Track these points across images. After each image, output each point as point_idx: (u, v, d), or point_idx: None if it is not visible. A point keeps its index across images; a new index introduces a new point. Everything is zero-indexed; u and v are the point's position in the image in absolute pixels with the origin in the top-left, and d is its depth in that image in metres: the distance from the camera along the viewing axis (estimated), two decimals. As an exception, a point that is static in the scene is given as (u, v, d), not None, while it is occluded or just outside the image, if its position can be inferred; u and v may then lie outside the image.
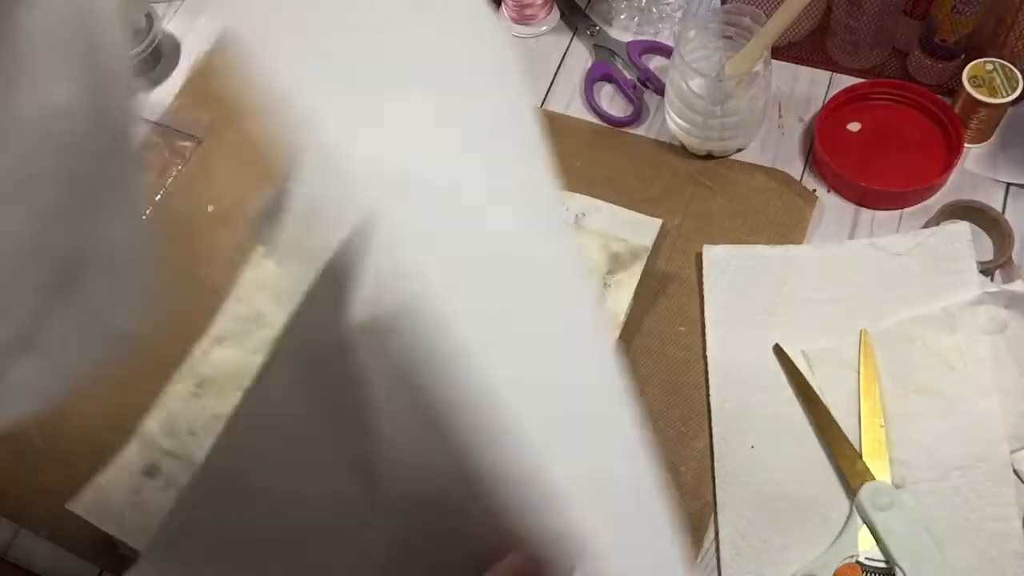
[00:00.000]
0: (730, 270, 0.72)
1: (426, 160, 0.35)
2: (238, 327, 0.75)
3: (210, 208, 0.82)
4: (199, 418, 0.71)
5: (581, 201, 0.76)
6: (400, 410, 0.37)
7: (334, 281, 0.34)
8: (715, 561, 0.63)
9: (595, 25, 0.88)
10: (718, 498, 0.64)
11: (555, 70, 0.87)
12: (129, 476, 0.69)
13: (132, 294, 0.37)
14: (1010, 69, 0.73)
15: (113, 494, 0.68)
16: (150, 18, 0.89)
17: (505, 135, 0.43)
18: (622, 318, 0.70)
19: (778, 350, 0.69)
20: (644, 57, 0.86)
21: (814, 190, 0.77)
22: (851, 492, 0.62)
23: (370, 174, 0.32)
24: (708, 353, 0.70)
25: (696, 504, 0.65)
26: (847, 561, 0.60)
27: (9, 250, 0.32)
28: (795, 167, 0.78)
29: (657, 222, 0.74)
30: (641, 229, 0.74)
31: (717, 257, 0.73)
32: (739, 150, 0.79)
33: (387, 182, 0.32)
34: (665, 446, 0.67)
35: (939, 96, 0.77)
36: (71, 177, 0.34)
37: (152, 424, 0.71)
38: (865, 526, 0.61)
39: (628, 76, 0.84)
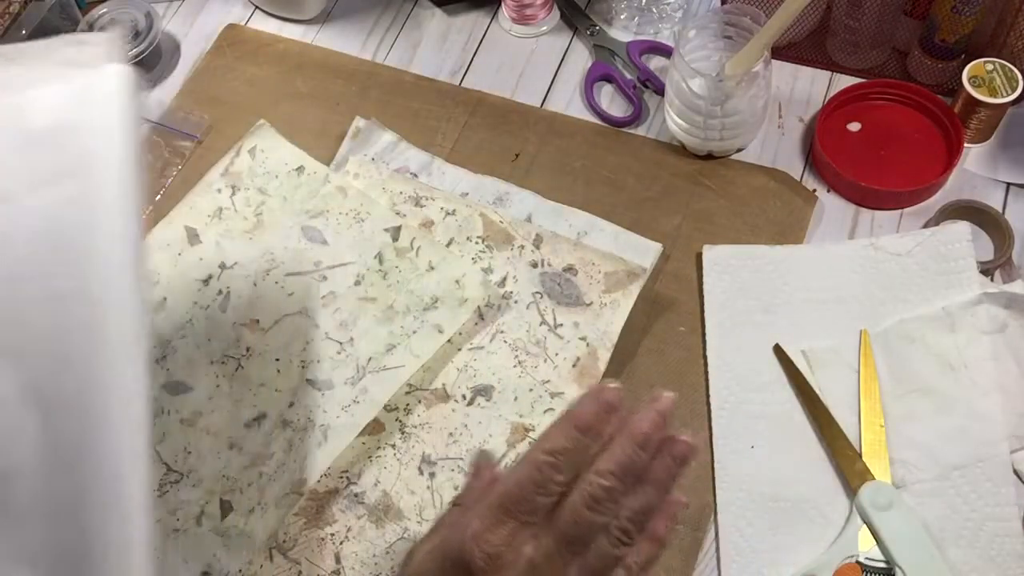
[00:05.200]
0: (730, 270, 0.72)
1: None
2: None
3: (210, 208, 0.82)
4: None
5: (583, 218, 0.76)
6: None
7: None
8: (715, 561, 0.63)
9: (595, 25, 0.88)
10: (718, 498, 0.64)
11: (555, 70, 0.87)
12: None
13: None
14: (1010, 69, 0.73)
15: None
16: (150, 18, 0.89)
17: None
18: (615, 339, 0.70)
19: (778, 350, 0.69)
20: (644, 57, 0.86)
21: (814, 190, 0.77)
22: (851, 492, 0.62)
23: None
24: (708, 353, 0.70)
25: (696, 504, 0.65)
26: (847, 561, 0.60)
27: None
28: (795, 167, 0.78)
29: (657, 247, 0.74)
30: (641, 251, 0.73)
31: (717, 257, 0.73)
32: (739, 150, 0.79)
33: None
34: (665, 446, 0.67)
35: (939, 96, 0.77)
36: None
37: None
38: (865, 526, 0.61)
39: (628, 76, 0.84)
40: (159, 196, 0.83)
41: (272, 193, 0.79)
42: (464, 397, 0.69)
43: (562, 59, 0.87)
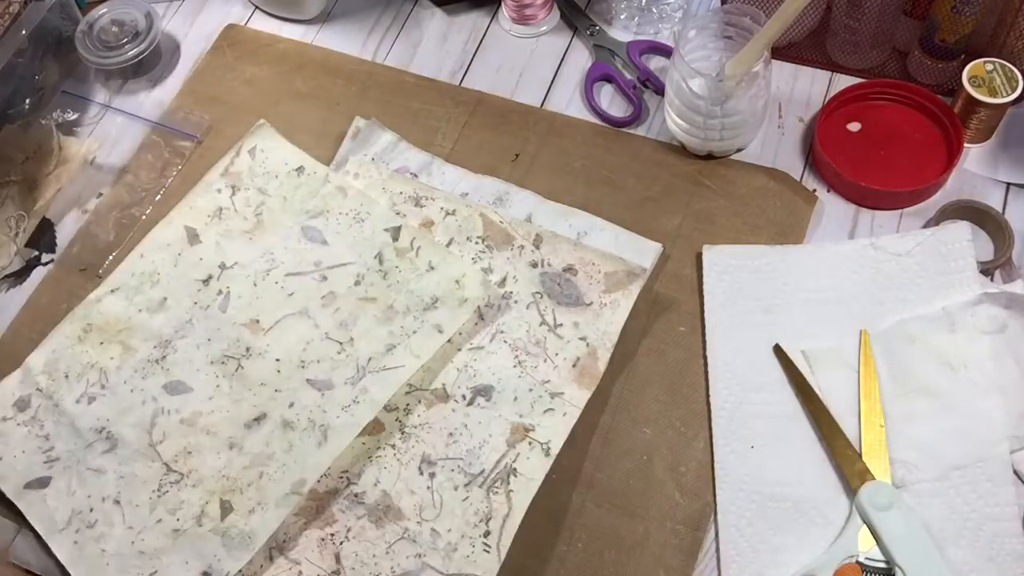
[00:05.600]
0: (730, 270, 0.72)
1: None
2: (133, 281, 0.77)
3: (210, 208, 0.82)
4: (76, 363, 0.74)
5: (583, 218, 0.76)
6: None
7: None
8: (715, 561, 0.63)
9: (595, 25, 0.88)
10: (718, 498, 0.64)
11: (555, 70, 0.87)
12: (1, 404, 0.73)
13: None
14: (1010, 69, 0.73)
15: None
16: (150, 18, 0.89)
17: None
18: (615, 339, 0.70)
19: (778, 350, 0.69)
20: (644, 57, 0.86)
21: (814, 190, 0.77)
22: (851, 492, 0.62)
23: None
24: (708, 353, 0.70)
25: (696, 504, 0.65)
26: (847, 561, 0.60)
27: None
28: (795, 167, 0.78)
29: (657, 247, 0.74)
30: (641, 251, 0.73)
31: (717, 257, 0.73)
32: (739, 150, 0.79)
33: None
34: (665, 446, 0.67)
35: (939, 96, 0.77)
36: None
37: (37, 358, 0.74)
38: (865, 526, 0.61)
39: (628, 76, 0.84)
40: (159, 196, 0.83)
41: (272, 193, 0.79)
42: (464, 397, 0.69)
43: (562, 59, 0.87)
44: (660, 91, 0.82)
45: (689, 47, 0.75)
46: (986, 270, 0.70)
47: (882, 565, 0.60)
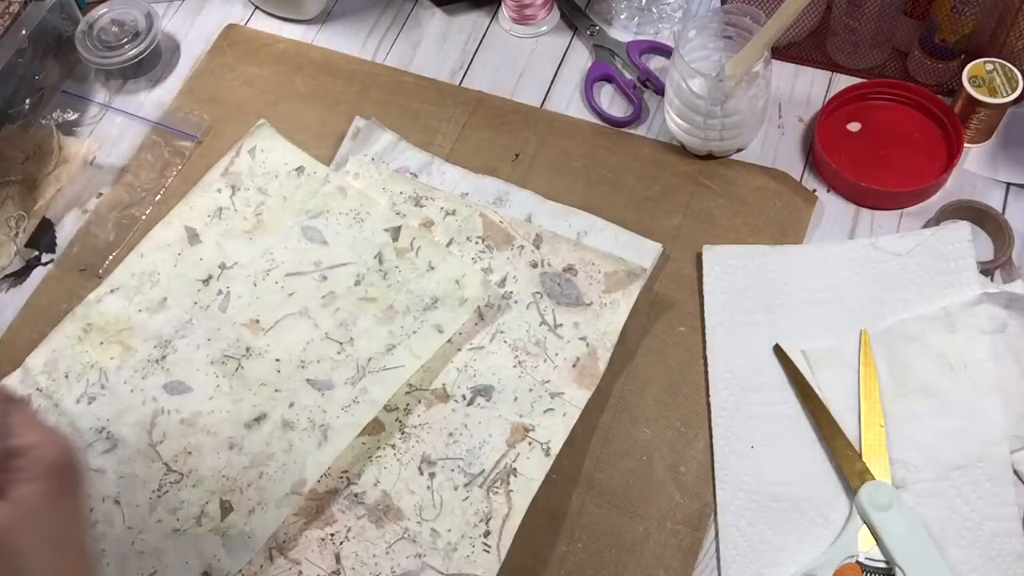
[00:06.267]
0: (730, 270, 0.72)
1: None
2: (133, 281, 0.77)
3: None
4: (76, 363, 0.74)
5: (583, 218, 0.76)
6: None
7: None
8: (715, 561, 0.63)
9: (595, 25, 0.88)
10: (718, 498, 0.64)
11: (555, 70, 0.87)
12: None
13: None
14: (1010, 69, 0.73)
15: None
16: (150, 18, 0.89)
17: None
18: (615, 339, 0.70)
19: (778, 350, 0.69)
20: (644, 57, 0.86)
21: (814, 190, 0.77)
22: (851, 492, 0.62)
23: None
24: (708, 353, 0.70)
25: (696, 504, 0.65)
26: (847, 561, 0.60)
27: None
28: (795, 167, 0.78)
29: (657, 247, 0.74)
30: (641, 251, 0.73)
31: (717, 257, 0.73)
32: (739, 150, 0.79)
33: None
34: (665, 446, 0.67)
35: (939, 96, 0.77)
36: None
37: (36, 359, 0.74)
38: (865, 526, 0.61)
39: (628, 76, 0.84)
40: (159, 196, 0.83)
41: (272, 193, 0.79)
42: (464, 397, 0.69)
43: (562, 59, 0.87)
44: (660, 91, 0.82)
45: (689, 47, 0.75)
46: (986, 270, 0.70)
47: (882, 565, 0.60)
